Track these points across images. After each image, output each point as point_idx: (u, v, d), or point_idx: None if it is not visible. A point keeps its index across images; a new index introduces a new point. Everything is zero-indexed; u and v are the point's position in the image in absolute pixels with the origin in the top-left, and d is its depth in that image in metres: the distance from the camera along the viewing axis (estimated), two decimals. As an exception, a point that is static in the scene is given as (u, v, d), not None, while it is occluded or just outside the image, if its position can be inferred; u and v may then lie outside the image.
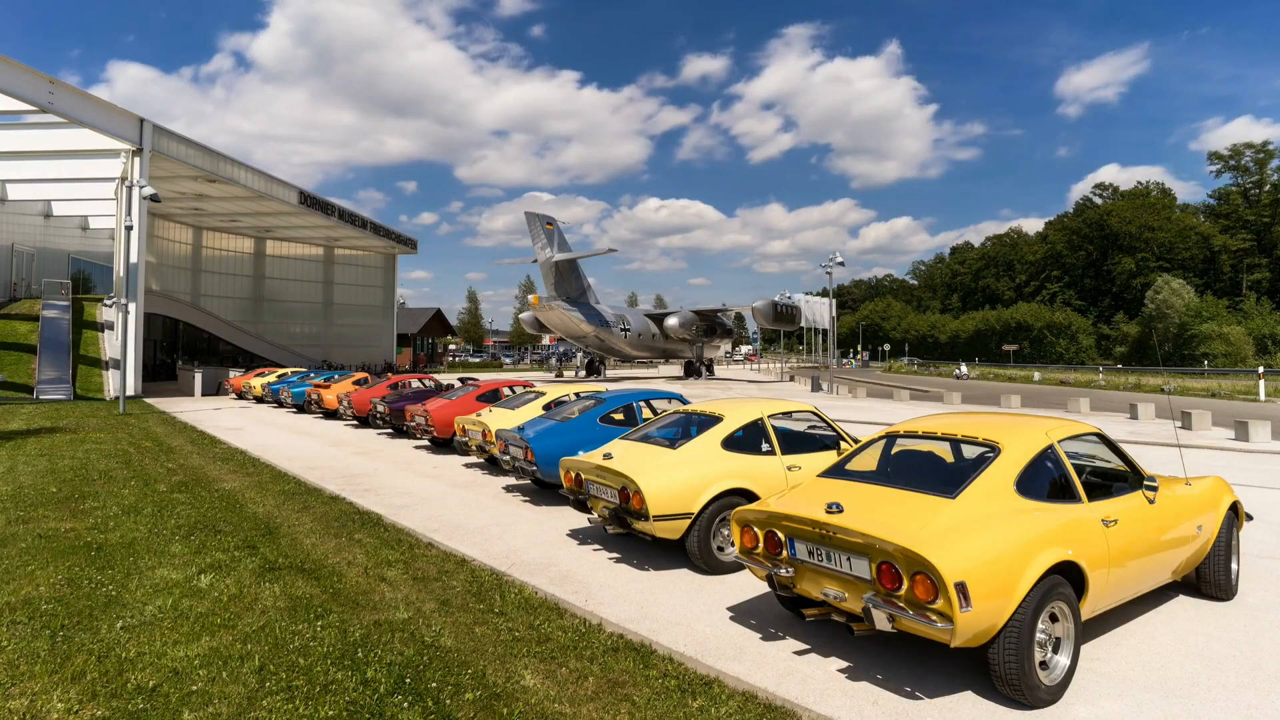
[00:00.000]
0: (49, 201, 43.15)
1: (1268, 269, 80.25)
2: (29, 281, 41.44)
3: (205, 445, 13.50)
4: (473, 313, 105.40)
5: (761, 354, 79.90)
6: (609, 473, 6.01)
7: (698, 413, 7.03)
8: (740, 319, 55.03)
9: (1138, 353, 75.11)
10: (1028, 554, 3.61)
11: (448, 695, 3.62)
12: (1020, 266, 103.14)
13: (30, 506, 7.87)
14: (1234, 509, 5.23)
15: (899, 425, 5.00)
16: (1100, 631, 4.46)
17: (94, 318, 33.13)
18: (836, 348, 55.34)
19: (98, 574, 5.50)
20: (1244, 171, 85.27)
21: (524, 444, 8.25)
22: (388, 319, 52.61)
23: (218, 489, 9.08)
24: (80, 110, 24.56)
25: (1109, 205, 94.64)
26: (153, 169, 27.15)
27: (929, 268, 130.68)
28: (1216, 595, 5.03)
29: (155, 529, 6.94)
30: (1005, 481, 3.96)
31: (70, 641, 4.25)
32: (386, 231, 47.52)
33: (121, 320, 24.37)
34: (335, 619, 4.64)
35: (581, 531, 7.11)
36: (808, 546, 3.98)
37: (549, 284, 37.40)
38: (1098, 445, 4.85)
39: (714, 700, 3.58)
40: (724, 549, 5.88)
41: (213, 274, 43.79)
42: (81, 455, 11.73)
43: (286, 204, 36.87)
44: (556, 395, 11.18)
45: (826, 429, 7.11)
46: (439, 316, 69.23)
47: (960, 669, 3.94)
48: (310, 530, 7.03)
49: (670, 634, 4.47)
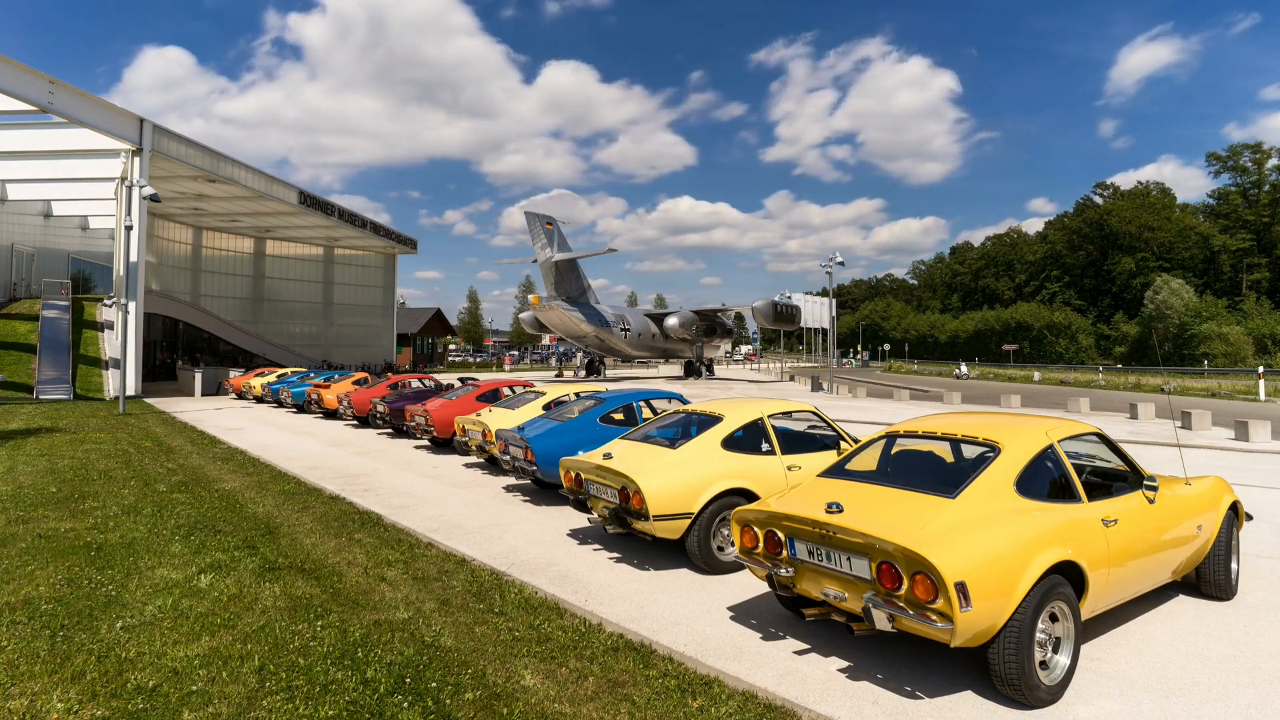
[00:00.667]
0: (49, 201, 43.14)
1: (1267, 269, 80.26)
2: (29, 281, 41.43)
3: (205, 445, 13.50)
4: (473, 313, 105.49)
5: (761, 354, 79.88)
6: (609, 472, 6.01)
7: (698, 412, 7.03)
8: (740, 319, 55.04)
9: (1138, 353, 75.13)
10: (1028, 554, 3.61)
11: (448, 695, 3.62)
12: (1020, 266, 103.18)
13: (30, 506, 7.87)
14: (1234, 509, 5.23)
15: (899, 425, 5.00)
16: (1100, 631, 4.46)
17: (94, 317, 33.14)
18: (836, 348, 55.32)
19: (98, 574, 5.50)
20: (1243, 171, 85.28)
21: (524, 444, 8.25)
22: (388, 319, 52.63)
23: (218, 489, 9.08)
24: (80, 110, 24.55)
25: (1109, 205, 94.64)
26: (153, 169, 27.14)
27: (929, 267, 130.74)
28: (1216, 595, 5.03)
29: (155, 529, 6.94)
30: (1005, 481, 3.96)
31: (70, 641, 4.25)
32: (386, 231, 47.54)
33: (121, 320, 24.36)
34: (335, 619, 4.64)
35: (582, 531, 7.11)
36: (808, 546, 3.97)
37: (549, 284, 37.41)
38: (1098, 445, 4.85)
39: (714, 700, 3.58)
40: (724, 549, 5.88)
41: (213, 274, 43.78)
42: (81, 455, 11.73)
43: (286, 204, 36.86)
44: (556, 395, 11.18)
45: (826, 429, 7.11)
46: (439, 316, 69.22)
47: (960, 669, 3.94)
48: (310, 530, 7.03)
49: (670, 634, 4.47)
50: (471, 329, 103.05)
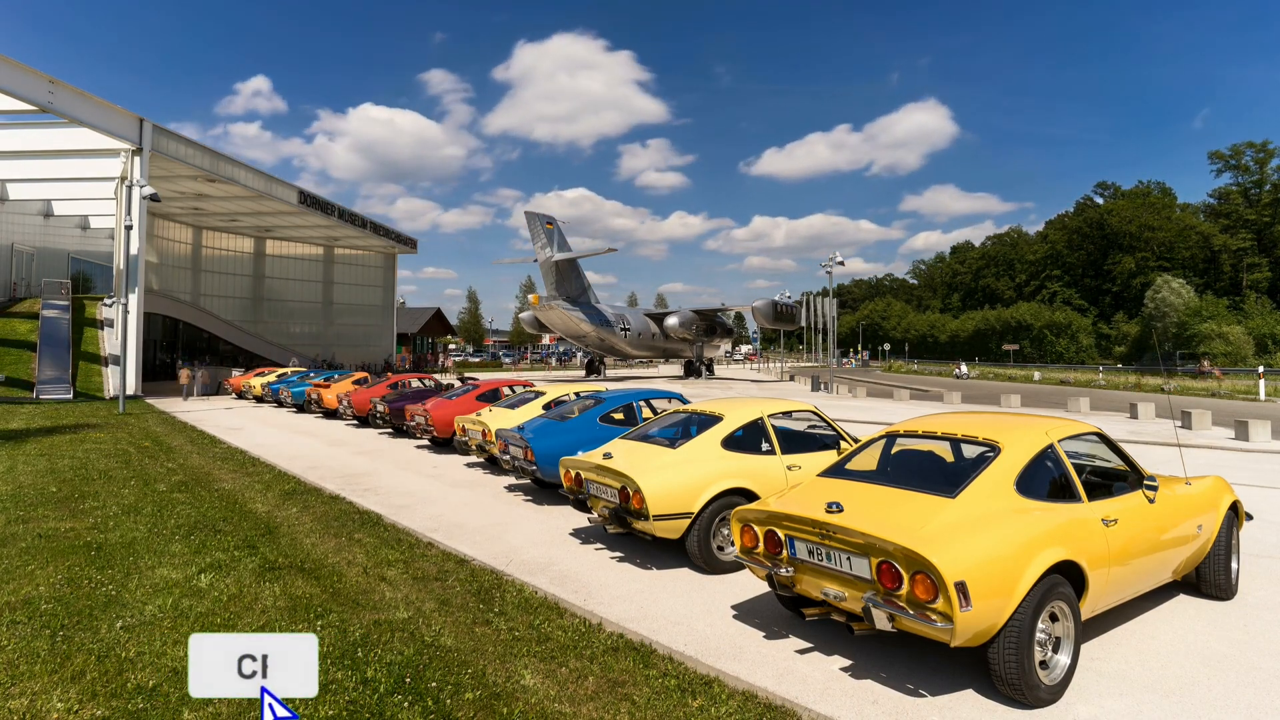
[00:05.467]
0: (49, 201, 43.12)
1: (1268, 268, 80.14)
2: (29, 281, 41.42)
3: (205, 445, 13.50)
4: (473, 312, 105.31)
5: (761, 354, 79.83)
6: (609, 472, 6.01)
7: (698, 412, 7.02)
8: (740, 318, 55.06)
9: (1138, 352, 75.09)
10: (1028, 553, 3.61)
11: (448, 695, 3.62)
12: (1020, 266, 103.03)
13: (30, 506, 7.86)
14: (1234, 508, 5.23)
15: (899, 425, 5.00)
16: (1100, 631, 4.45)
17: (94, 316, 33.13)
18: (837, 347, 55.27)
19: (98, 574, 5.50)
20: (1244, 171, 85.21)
21: (524, 443, 8.25)
22: (388, 319, 52.59)
23: (218, 489, 9.08)
24: (80, 110, 24.53)
25: (1109, 205, 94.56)
26: (152, 168, 27.12)
27: (929, 267, 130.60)
28: (1216, 595, 5.03)
29: (155, 529, 6.94)
30: (1005, 481, 3.96)
31: (70, 641, 4.25)
32: (386, 231, 47.52)
33: (121, 317, 24.33)
34: (335, 619, 4.63)
35: (582, 531, 7.11)
36: (808, 546, 3.97)
37: (549, 284, 37.40)
38: (1098, 445, 4.85)
39: (714, 699, 3.58)
40: (724, 548, 5.87)
41: (213, 274, 43.74)
42: (81, 455, 11.73)
43: (286, 203, 36.84)
44: (556, 395, 11.18)
45: (826, 428, 7.11)
46: (439, 316, 69.17)
47: (961, 669, 3.94)
48: (310, 530, 7.02)
49: (670, 633, 4.47)
50: (471, 329, 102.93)
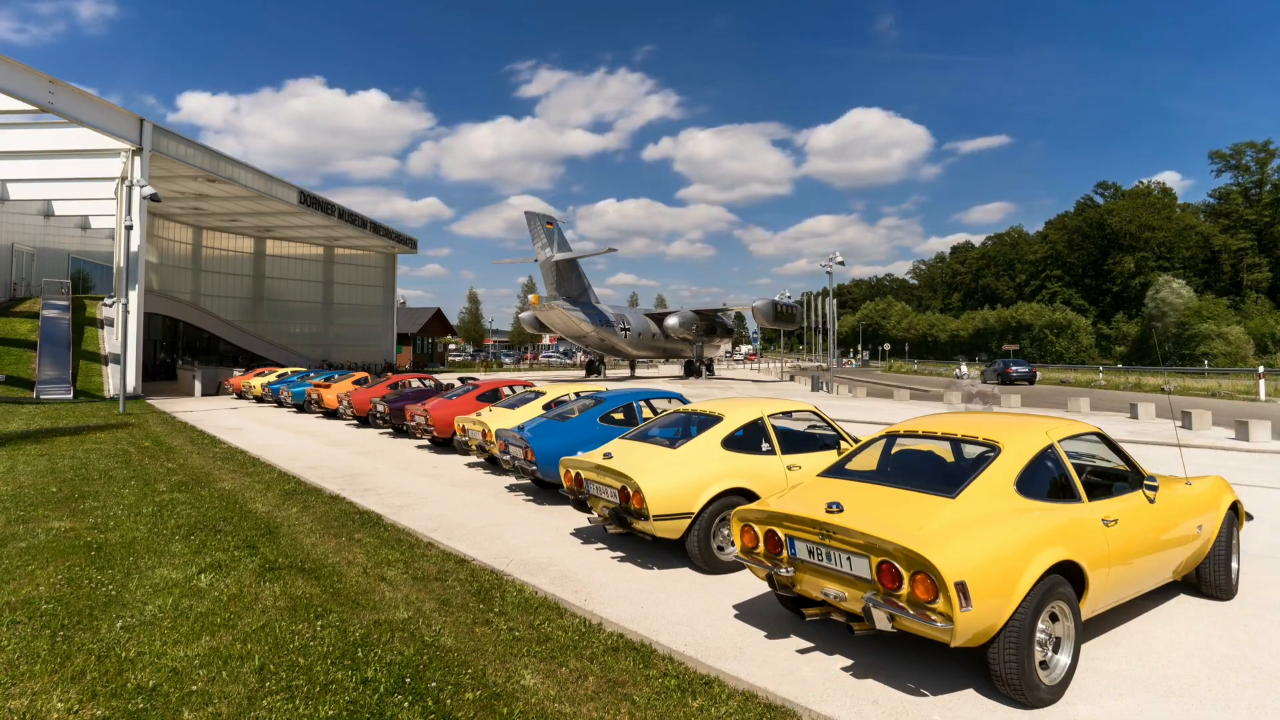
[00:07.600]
0: (49, 201, 43.07)
1: (1268, 268, 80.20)
2: (29, 281, 41.42)
3: (205, 445, 13.50)
4: (473, 313, 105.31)
5: (761, 354, 79.84)
6: (609, 472, 6.01)
7: (698, 412, 7.02)
8: (740, 319, 55.02)
9: (1138, 352, 75.08)
10: (1028, 553, 3.61)
11: (448, 695, 3.62)
12: (1020, 266, 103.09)
13: (30, 506, 7.87)
14: (1234, 509, 5.23)
15: (899, 425, 5.00)
16: (1100, 631, 4.45)
17: (94, 316, 33.12)
18: (837, 347, 55.30)
19: (98, 574, 5.50)
20: (1244, 171, 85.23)
21: (524, 443, 8.25)
22: (388, 319, 52.59)
23: (218, 489, 9.08)
24: (80, 110, 24.52)
25: (1109, 205, 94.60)
26: (153, 168, 27.11)
27: (929, 267, 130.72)
28: (1217, 595, 5.03)
29: (155, 529, 6.94)
30: (1005, 481, 3.96)
31: (70, 641, 4.25)
32: (386, 231, 47.50)
33: (121, 317, 24.31)
34: (335, 619, 4.64)
35: (582, 531, 7.11)
36: (808, 546, 3.97)
37: (549, 284, 37.39)
38: (1098, 445, 4.85)
39: (714, 700, 3.58)
40: (724, 548, 5.87)
41: (213, 274, 43.72)
42: (81, 455, 11.73)
43: (286, 203, 36.82)
44: (556, 395, 11.18)
45: (826, 428, 7.11)
46: (439, 316, 69.12)
47: (961, 669, 3.94)
48: (310, 530, 7.02)
49: (670, 633, 4.47)
50: (472, 329, 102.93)
